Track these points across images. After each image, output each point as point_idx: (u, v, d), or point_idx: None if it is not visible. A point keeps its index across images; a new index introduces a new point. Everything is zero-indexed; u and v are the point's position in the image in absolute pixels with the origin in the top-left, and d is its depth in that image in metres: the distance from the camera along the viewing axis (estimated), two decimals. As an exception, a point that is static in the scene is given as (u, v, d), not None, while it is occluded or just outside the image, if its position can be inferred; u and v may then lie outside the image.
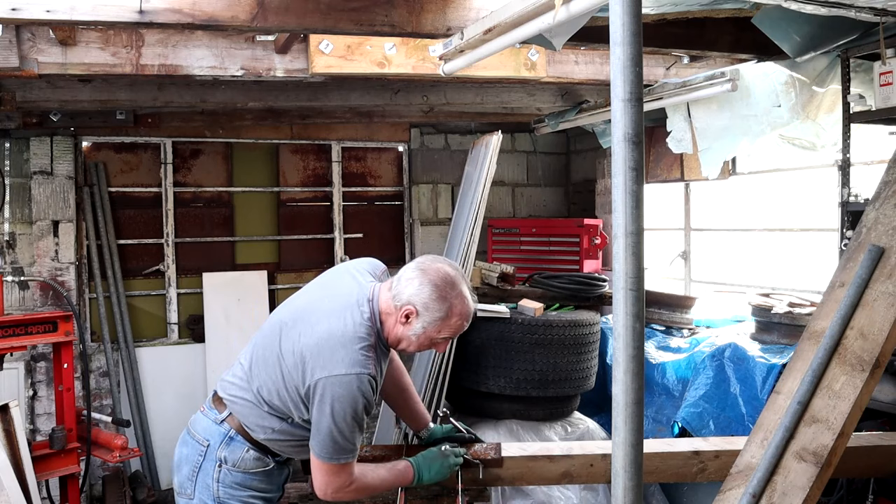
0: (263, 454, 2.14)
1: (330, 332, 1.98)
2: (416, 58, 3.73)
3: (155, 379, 5.56)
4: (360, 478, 2.07)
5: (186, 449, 2.17)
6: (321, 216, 6.21)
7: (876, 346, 1.97)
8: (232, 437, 2.12)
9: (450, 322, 2.07)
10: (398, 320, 2.06)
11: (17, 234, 5.22)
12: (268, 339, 2.12)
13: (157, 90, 4.41)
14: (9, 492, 3.01)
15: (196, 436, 2.16)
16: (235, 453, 2.11)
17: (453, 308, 2.06)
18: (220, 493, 2.10)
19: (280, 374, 2.04)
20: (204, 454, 2.12)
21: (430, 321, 2.05)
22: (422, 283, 2.05)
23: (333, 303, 2.07)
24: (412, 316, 2.04)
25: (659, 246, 5.46)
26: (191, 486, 2.13)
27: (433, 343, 2.11)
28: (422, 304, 2.03)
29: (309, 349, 1.98)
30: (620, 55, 1.46)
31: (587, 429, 4.13)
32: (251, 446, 2.12)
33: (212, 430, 2.14)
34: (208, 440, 2.13)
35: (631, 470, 1.51)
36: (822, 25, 3.01)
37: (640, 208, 1.47)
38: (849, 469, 2.43)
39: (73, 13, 2.55)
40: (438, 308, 2.04)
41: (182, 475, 2.16)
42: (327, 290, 2.16)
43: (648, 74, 4.26)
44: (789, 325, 3.59)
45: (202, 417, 2.19)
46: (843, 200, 3.29)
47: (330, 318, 2.02)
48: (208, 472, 2.11)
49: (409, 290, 2.04)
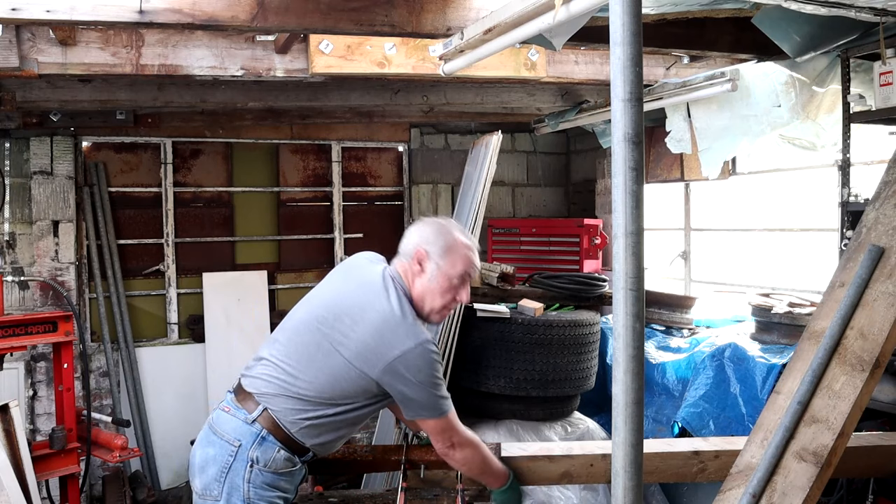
0: (293, 454, 2.14)
1: (383, 317, 2.11)
2: (416, 58, 3.73)
3: (155, 379, 5.56)
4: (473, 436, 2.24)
5: (213, 449, 2.14)
6: (321, 216, 6.21)
7: (876, 346, 1.97)
8: (264, 437, 2.11)
9: (458, 251, 2.19)
10: (415, 274, 2.19)
11: (17, 234, 5.22)
12: (307, 336, 2.17)
13: (157, 90, 4.41)
14: (9, 492, 3.01)
15: (225, 436, 2.13)
16: (267, 453, 2.10)
17: (457, 238, 2.21)
18: (251, 493, 2.08)
19: (341, 366, 2.10)
20: (235, 454, 2.10)
21: (439, 255, 2.17)
22: (419, 229, 2.24)
23: (368, 291, 2.18)
24: (424, 259, 2.18)
25: (659, 246, 5.46)
26: (218, 488, 2.10)
27: (451, 284, 2.19)
28: (426, 242, 2.19)
29: (372, 338, 2.09)
30: (620, 55, 1.46)
31: (587, 429, 4.13)
32: (282, 446, 2.12)
33: (242, 430, 2.12)
34: (239, 440, 2.11)
35: (631, 470, 1.51)
36: (822, 25, 3.01)
37: (640, 208, 1.47)
38: (849, 469, 2.43)
39: (73, 13, 2.55)
40: (443, 240, 2.19)
41: (208, 476, 2.12)
42: (355, 282, 2.26)
43: (648, 74, 4.26)
44: (789, 325, 3.59)
45: (229, 417, 2.16)
46: (843, 200, 3.29)
47: (375, 305, 2.13)
48: (239, 472, 2.09)
49: (412, 239, 2.23)
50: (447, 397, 2.16)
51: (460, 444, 2.19)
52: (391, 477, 3.76)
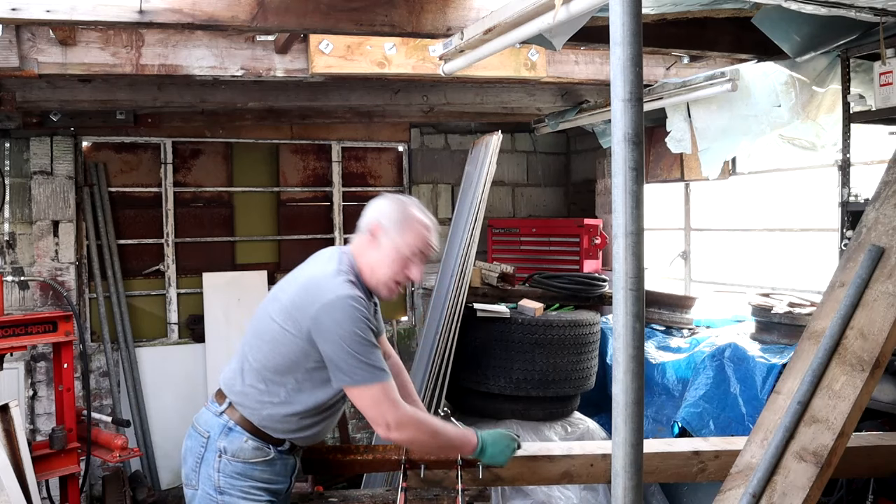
0: (263, 443, 2.17)
1: (312, 275, 2.14)
2: (416, 58, 3.73)
3: (155, 379, 5.56)
4: (416, 412, 2.14)
5: (191, 441, 2.23)
6: (321, 216, 6.21)
7: (876, 346, 1.97)
8: (231, 427, 2.16)
9: (413, 226, 2.17)
10: (368, 246, 2.19)
11: (17, 234, 5.22)
12: (256, 320, 2.23)
13: (157, 90, 4.41)
14: (9, 492, 3.01)
15: (198, 428, 2.22)
16: (234, 443, 2.15)
17: (414, 214, 2.19)
18: (222, 482, 2.14)
19: (277, 332, 2.11)
20: (205, 445, 2.17)
21: (394, 229, 2.16)
22: (377, 204, 2.24)
23: (311, 263, 2.26)
24: (378, 230, 2.18)
25: (659, 246, 5.45)
26: (195, 477, 2.18)
27: (403, 258, 2.17)
28: (382, 215, 2.19)
29: (297, 295, 2.10)
30: (620, 55, 1.46)
31: (587, 429, 4.13)
32: (250, 436, 2.16)
33: (212, 422, 2.19)
34: (209, 431, 2.18)
35: (631, 470, 1.51)
36: (822, 25, 3.01)
37: (640, 208, 1.47)
38: (849, 469, 2.43)
39: (73, 13, 2.55)
40: (398, 215, 2.18)
41: (188, 467, 2.22)
42: (307, 263, 2.31)
43: (648, 74, 4.26)
44: (789, 325, 3.59)
45: (205, 411, 2.26)
46: (843, 200, 3.29)
47: (309, 269, 2.20)
48: (210, 462, 2.16)
49: (368, 214, 2.24)
50: (376, 366, 2.03)
51: (398, 423, 2.05)
52: (391, 477, 3.76)
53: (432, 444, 2.22)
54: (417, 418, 2.13)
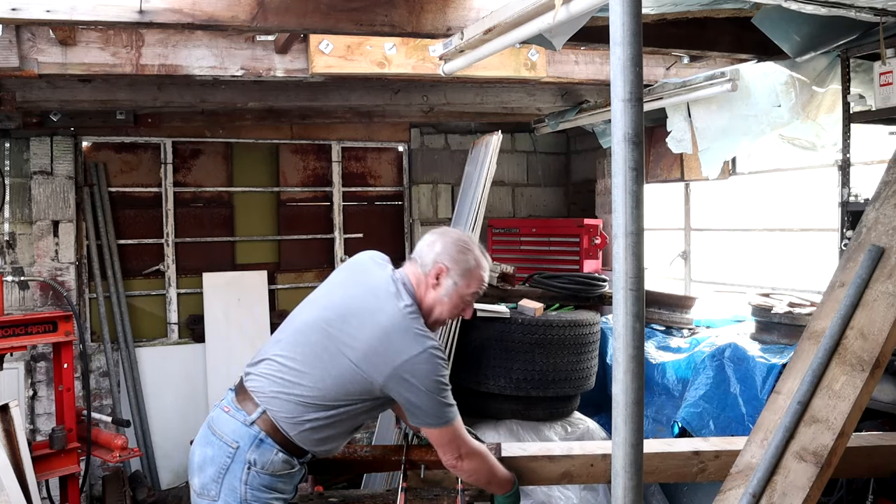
0: (291, 456, 2.13)
1: (392, 321, 2.10)
2: (416, 58, 3.73)
3: (155, 379, 5.56)
4: (480, 445, 2.24)
5: (212, 450, 2.13)
6: (321, 216, 6.21)
7: (876, 346, 1.97)
8: (262, 439, 2.10)
9: (476, 274, 2.22)
10: (429, 286, 2.20)
11: (17, 234, 5.22)
12: (313, 337, 2.16)
13: (157, 90, 4.41)
14: (9, 492, 3.01)
15: (224, 437, 2.12)
16: (265, 456, 2.09)
17: (478, 260, 2.23)
18: (248, 495, 2.08)
19: (347, 369, 2.09)
20: (232, 456, 2.09)
21: (459, 274, 2.19)
22: (444, 243, 2.22)
23: (377, 294, 2.18)
24: (443, 274, 2.18)
25: (659, 246, 5.45)
26: (216, 488, 2.10)
27: (463, 302, 2.23)
28: (450, 259, 2.19)
29: (378, 340, 2.08)
30: (620, 55, 1.46)
31: (587, 429, 4.13)
32: (280, 449, 2.11)
33: (241, 432, 2.11)
34: (237, 442, 2.10)
35: (631, 470, 1.51)
36: (822, 25, 3.01)
37: (640, 208, 1.47)
38: (849, 469, 2.43)
39: (73, 13, 2.54)
40: (465, 259, 2.20)
41: (206, 476, 2.12)
42: (364, 285, 2.24)
43: (648, 74, 4.26)
44: (789, 325, 3.59)
45: (228, 418, 2.15)
46: (843, 200, 3.29)
47: (384, 309, 2.13)
48: (236, 474, 2.08)
49: (434, 252, 2.21)
50: (453, 405, 2.13)
51: (468, 454, 2.17)
52: (391, 477, 3.76)
53: (487, 477, 2.27)
54: (482, 451, 2.23)
